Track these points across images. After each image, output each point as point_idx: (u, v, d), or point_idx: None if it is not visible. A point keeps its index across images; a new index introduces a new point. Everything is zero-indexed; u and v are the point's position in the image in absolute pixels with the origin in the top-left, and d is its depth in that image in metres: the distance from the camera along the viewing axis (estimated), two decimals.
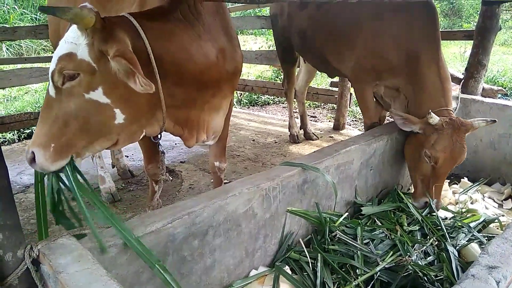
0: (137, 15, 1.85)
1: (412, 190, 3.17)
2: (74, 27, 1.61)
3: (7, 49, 10.86)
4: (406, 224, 2.51)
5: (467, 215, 2.69)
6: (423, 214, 2.60)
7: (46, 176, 1.68)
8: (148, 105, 1.86)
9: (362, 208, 2.66)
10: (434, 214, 2.59)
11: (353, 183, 2.70)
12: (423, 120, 2.64)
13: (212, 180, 3.23)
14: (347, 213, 2.53)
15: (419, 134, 2.69)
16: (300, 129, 4.92)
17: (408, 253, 2.20)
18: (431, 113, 2.55)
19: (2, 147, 5.02)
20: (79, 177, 1.67)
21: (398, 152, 3.01)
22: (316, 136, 4.93)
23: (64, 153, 1.63)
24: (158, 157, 2.55)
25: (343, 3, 2.07)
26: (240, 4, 6.53)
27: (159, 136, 2.14)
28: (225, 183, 2.75)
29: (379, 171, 2.89)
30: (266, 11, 11.56)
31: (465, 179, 3.28)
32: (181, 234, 1.75)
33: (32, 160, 1.61)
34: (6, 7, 12.34)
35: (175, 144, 4.65)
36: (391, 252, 2.23)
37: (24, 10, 12.71)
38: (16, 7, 12.50)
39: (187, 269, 1.83)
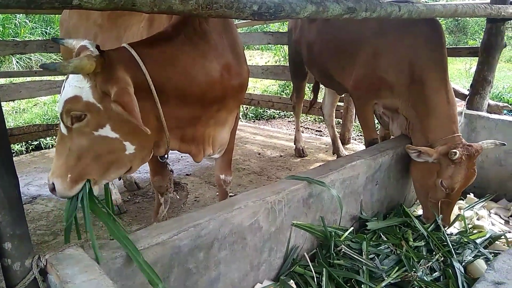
0: (138, 43, 1.91)
1: (418, 207, 3.18)
2: None
3: (17, 62, 11.06)
4: (411, 240, 2.50)
5: (473, 231, 2.67)
6: (428, 229, 2.59)
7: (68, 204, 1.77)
8: (155, 131, 1.93)
9: (367, 223, 2.66)
10: (441, 230, 2.58)
11: (359, 198, 2.70)
12: (439, 151, 2.61)
13: (217, 193, 3.25)
14: (352, 228, 2.52)
15: (432, 163, 2.66)
16: (333, 154, 4.72)
17: (414, 269, 2.19)
18: (454, 150, 2.51)
19: None
20: (95, 199, 1.76)
21: (403, 167, 3.01)
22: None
23: (80, 181, 1.73)
24: (164, 170, 2.58)
25: (349, 18, 2.10)
26: (247, 21, 6.63)
27: (166, 156, 2.18)
28: (230, 196, 2.76)
29: (384, 186, 2.89)
30: (274, 26, 11.72)
31: (471, 195, 3.26)
32: (187, 247, 1.76)
33: (53, 190, 1.73)
34: (17, 20, 12.59)
35: (181, 157, 4.68)
36: (397, 268, 2.22)
37: (34, 25, 12.96)
38: (27, 21, 12.75)
39: (192, 282, 1.83)
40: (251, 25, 7.54)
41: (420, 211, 3.11)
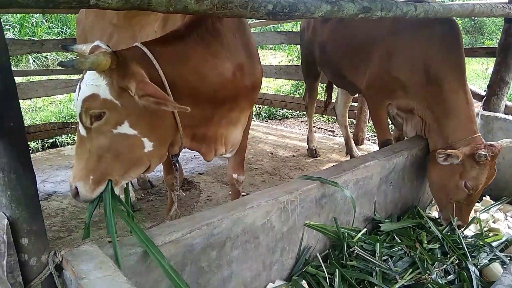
0: (150, 42, 1.93)
1: (433, 208, 3.14)
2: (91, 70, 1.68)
3: (34, 61, 11.25)
4: (426, 242, 2.47)
5: (489, 234, 2.63)
6: (443, 232, 2.55)
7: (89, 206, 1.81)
8: (171, 129, 1.95)
9: (381, 224, 2.63)
10: (456, 233, 2.55)
11: (372, 199, 2.68)
12: (463, 152, 2.56)
13: (230, 192, 3.26)
14: (365, 229, 2.50)
15: (456, 164, 2.60)
16: (347, 155, 4.70)
17: (428, 271, 2.17)
18: (482, 152, 2.47)
19: None
20: (117, 200, 1.80)
21: (418, 168, 2.98)
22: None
23: (102, 181, 1.76)
24: (175, 169, 2.60)
25: (364, 18, 2.09)
26: (261, 20, 6.64)
27: (178, 154, 2.20)
28: (242, 195, 2.77)
29: (398, 187, 2.86)
30: (288, 26, 11.70)
31: (487, 197, 3.21)
32: (199, 245, 1.77)
33: (76, 194, 1.75)
34: (34, 20, 12.80)
35: (194, 156, 4.70)
36: (410, 270, 2.20)
37: (51, 24, 13.16)
38: (44, 20, 12.96)
39: (205, 280, 1.84)
40: (264, 25, 7.54)
41: (434, 213, 3.07)
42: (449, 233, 2.60)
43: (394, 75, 3.01)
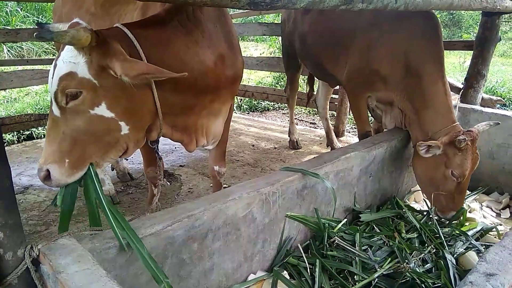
0: (131, 24, 1.89)
1: (410, 197, 3.20)
2: (69, 46, 1.62)
3: (8, 50, 10.89)
4: (404, 232, 2.52)
5: (465, 224, 2.70)
6: (421, 222, 2.61)
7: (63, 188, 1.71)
8: (149, 114, 1.91)
9: (360, 214, 2.67)
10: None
11: (352, 190, 2.71)
12: (443, 141, 2.61)
13: (211, 184, 3.24)
14: (345, 220, 2.54)
15: (438, 155, 2.65)
16: (327, 146, 4.72)
17: (406, 260, 2.21)
18: (461, 137, 2.52)
19: None
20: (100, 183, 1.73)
21: (397, 160, 3.03)
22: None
23: (80, 165, 1.68)
24: (156, 161, 2.57)
25: (345, 9, 2.09)
26: (242, 11, 6.59)
27: (157, 141, 2.16)
28: (224, 187, 2.76)
29: (378, 178, 2.90)
30: (269, 17, 11.65)
31: None
32: (181, 237, 1.76)
33: (46, 178, 1.64)
34: (9, 8, 12.39)
35: (175, 148, 4.66)
36: (389, 259, 2.24)
37: (26, 13, 12.75)
38: (19, 9, 12.55)
39: (186, 272, 1.83)
40: (246, 16, 7.47)
41: (412, 203, 3.13)
42: (428, 223, 2.65)
43: (374, 68, 3.03)
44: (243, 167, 4.17)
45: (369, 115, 3.44)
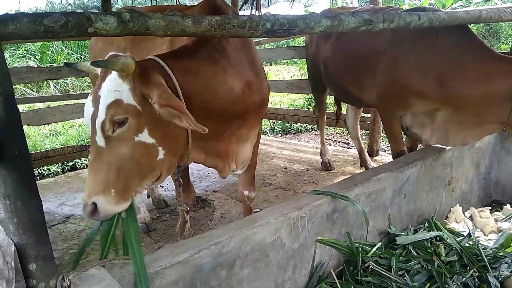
0: (163, 56, 1.96)
1: (452, 219, 3.05)
2: (112, 76, 1.67)
3: (54, 86, 11.62)
4: (444, 255, 2.38)
5: (510, 245, 2.53)
6: (462, 244, 2.47)
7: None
8: (183, 139, 1.96)
9: (396, 237, 2.57)
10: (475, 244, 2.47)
11: (386, 212, 2.62)
12: None
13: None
14: (380, 243, 2.44)
15: None
16: (361, 167, 4.61)
17: (446, 285, 2.10)
18: None
19: (46, 179, 5.31)
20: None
21: (433, 179, 2.91)
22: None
23: (125, 194, 1.69)
24: (190, 187, 2.62)
25: (362, 32, 2.08)
26: None
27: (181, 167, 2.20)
28: (255, 212, 2.75)
29: (413, 198, 2.79)
30: (299, 40, 11.75)
31: (508, 206, 3.10)
32: (208, 265, 1.76)
33: (93, 212, 1.64)
34: (54, 47, 13.26)
35: (208, 173, 4.72)
36: (428, 284, 2.14)
37: (70, 51, 13.59)
38: (63, 47, 13.40)
39: None
40: (276, 41, 7.59)
41: (453, 224, 2.98)
42: (468, 244, 2.51)
43: (404, 84, 2.95)
44: (276, 191, 4.14)
45: (403, 133, 3.34)
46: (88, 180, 1.66)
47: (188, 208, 2.75)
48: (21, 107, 6.77)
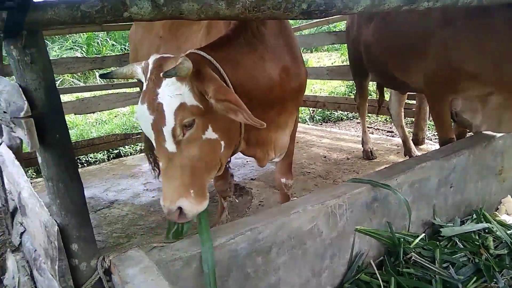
0: (205, 48, 1.93)
1: (502, 210, 2.88)
2: (169, 80, 1.61)
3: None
4: (492, 248, 2.26)
5: None
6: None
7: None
8: (237, 130, 1.97)
9: (441, 229, 2.45)
10: None
11: (431, 202, 2.51)
12: None
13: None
14: (423, 234, 2.34)
15: None
16: (405, 156, 4.45)
17: (495, 280, 1.98)
18: None
19: (92, 166, 5.54)
20: None
21: (482, 168, 2.75)
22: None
23: (202, 191, 1.71)
24: (226, 174, 2.62)
25: (408, 12, 1.97)
26: (312, 21, 6.56)
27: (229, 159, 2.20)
28: (293, 200, 2.72)
29: (460, 189, 2.65)
30: (340, 25, 11.46)
31: None
32: (244, 250, 1.76)
33: (180, 216, 1.66)
34: (99, 39, 13.74)
35: (246, 162, 4.72)
36: (475, 278, 2.03)
37: (114, 42, 14.03)
38: (108, 39, 13.86)
39: (251, 286, 1.82)
40: (317, 26, 7.44)
41: (504, 216, 2.81)
42: None
43: (457, 66, 2.78)
44: (315, 179, 4.08)
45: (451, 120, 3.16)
46: (165, 187, 1.65)
47: (227, 195, 2.76)
48: (69, 97, 7.07)
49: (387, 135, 5.93)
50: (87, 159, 5.91)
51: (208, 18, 1.46)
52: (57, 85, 1.70)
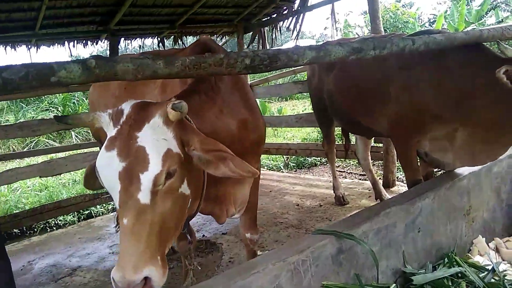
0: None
1: (475, 252, 2.82)
2: (153, 124, 1.51)
3: (76, 136, 11.95)
4: None
5: None
6: (485, 280, 2.25)
7: None
8: (201, 186, 1.85)
9: (412, 277, 2.36)
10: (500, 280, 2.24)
11: (400, 249, 2.43)
12: None
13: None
14: (394, 284, 2.24)
15: None
16: (376, 199, 4.42)
17: None
18: None
19: (59, 230, 5.27)
20: None
21: (449, 209, 2.72)
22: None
23: (165, 258, 1.50)
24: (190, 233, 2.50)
25: (366, 60, 2.00)
26: (276, 73, 6.71)
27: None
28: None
29: (429, 232, 2.59)
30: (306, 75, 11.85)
31: None
32: None
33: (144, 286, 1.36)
34: (75, 99, 13.71)
35: None
36: None
37: None
38: (84, 98, 13.91)
39: None
40: (281, 77, 7.65)
41: (477, 257, 2.74)
42: (493, 280, 2.28)
43: (421, 108, 2.82)
44: (287, 230, 3.97)
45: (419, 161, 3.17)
46: (126, 249, 1.34)
47: (190, 256, 2.62)
48: (43, 158, 6.85)
49: (360, 179, 5.93)
50: (56, 222, 5.65)
51: (146, 78, 1.43)
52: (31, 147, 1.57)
